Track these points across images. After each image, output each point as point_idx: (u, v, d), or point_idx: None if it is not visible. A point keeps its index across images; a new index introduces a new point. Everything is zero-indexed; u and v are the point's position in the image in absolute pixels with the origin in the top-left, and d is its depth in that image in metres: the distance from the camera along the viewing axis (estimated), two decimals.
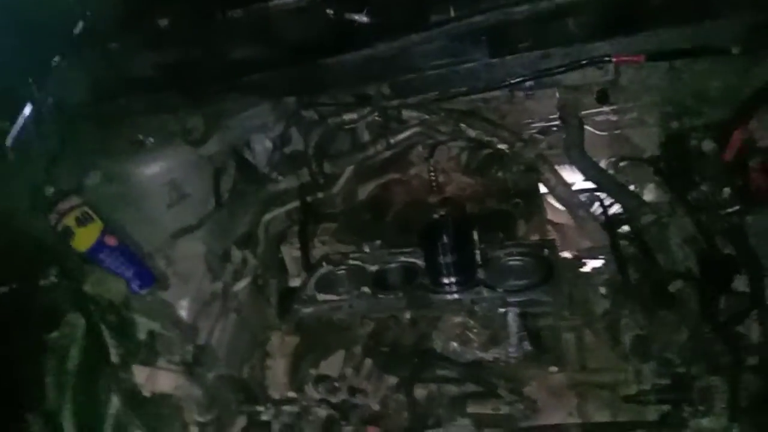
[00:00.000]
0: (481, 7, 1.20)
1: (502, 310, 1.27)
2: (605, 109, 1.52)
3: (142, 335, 1.27)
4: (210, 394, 1.28)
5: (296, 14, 1.39)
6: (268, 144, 1.61)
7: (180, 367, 1.28)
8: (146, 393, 1.20)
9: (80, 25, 1.60)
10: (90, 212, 1.35)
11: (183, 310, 1.42)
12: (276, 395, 1.38)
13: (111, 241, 1.33)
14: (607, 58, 1.33)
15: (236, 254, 1.58)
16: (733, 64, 1.27)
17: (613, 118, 1.52)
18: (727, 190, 1.15)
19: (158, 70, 1.47)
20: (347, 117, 1.55)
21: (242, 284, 1.55)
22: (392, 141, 1.56)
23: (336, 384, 1.32)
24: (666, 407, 1.07)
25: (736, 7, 1.19)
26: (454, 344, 1.26)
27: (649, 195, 1.48)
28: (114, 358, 1.17)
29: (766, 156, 1.09)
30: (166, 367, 1.27)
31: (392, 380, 1.32)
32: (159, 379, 1.21)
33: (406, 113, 1.52)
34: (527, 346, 1.24)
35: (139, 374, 1.19)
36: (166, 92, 1.45)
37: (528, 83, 1.45)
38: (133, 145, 1.44)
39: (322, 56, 1.30)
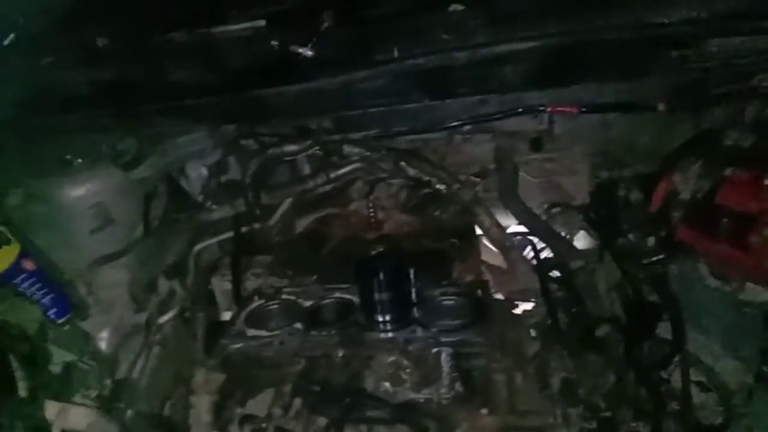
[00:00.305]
0: (423, 50, 1.21)
1: (435, 349, 1.27)
2: (538, 156, 1.56)
3: (56, 367, 1.19)
4: None
5: (240, 42, 1.37)
6: (204, 171, 1.57)
7: (96, 402, 1.21)
8: (56, 430, 1.12)
9: (11, 36, 1.53)
10: (6, 233, 1.27)
11: (103, 342, 1.34)
12: None
13: (28, 264, 1.25)
14: (542, 108, 1.38)
15: (163, 284, 1.51)
16: (659, 120, 1.34)
17: (547, 165, 1.57)
18: (651, 240, 1.21)
19: (92, 88, 1.41)
20: (288, 148, 1.53)
21: (168, 316, 1.48)
22: (332, 175, 1.55)
23: (263, 425, 1.27)
24: None
25: (664, 68, 1.26)
26: (386, 384, 1.24)
27: (579, 242, 1.52)
28: (22, 391, 1.08)
29: (689, 208, 1.15)
30: (81, 402, 1.20)
31: (322, 421, 1.29)
32: (71, 416, 1.13)
33: (347, 149, 1.52)
34: (459, 386, 1.24)
35: (50, 409, 1.11)
36: (98, 111, 1.40)
37: (466, 127, 1.49)
38: (60, 165, 1.37)
39: (265, 86, 1.29)
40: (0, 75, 1.46)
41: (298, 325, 1.40)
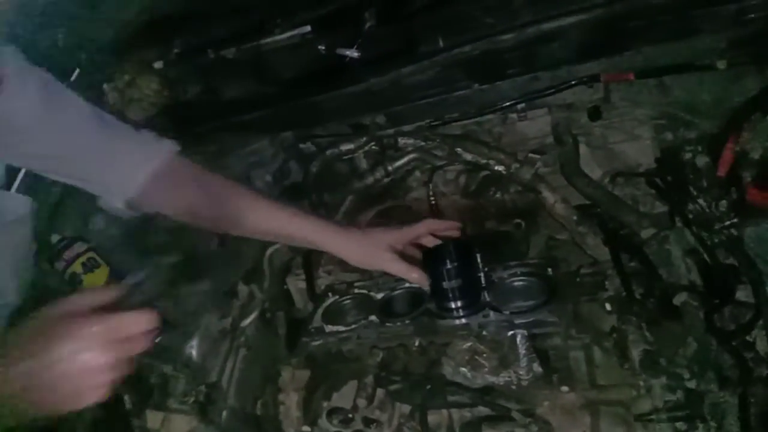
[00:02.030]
0: (468, 37, 1.21)
1: (510, 333, 1.28)
2: (598, 125, 1.53)
3: (153, 379, 1.28)
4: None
5: (288, 51, 1.41)
6: (268, 178, 1.63)
7: (193, 408, 1.29)
8: None
9: (76, 72, 1.62)
10: (96, 257, 1.37)
11: (193, 350, 1.43)
12: (290, 430, 1.38)
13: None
14: (596, 77, 1.35)
15: (243, 290, 1.59)
16: (721, 76, 1.29)
17: (607, 133, 1.54)
18: (723, 203, 1.17)
19: (153, 116, 1.49)
20: (344, 147, 1.57)
21: (250, 319, 1.56)
22: (390, 168, 1.58)
23: (350, 415, 1.33)
24: (679, 425, 1.07)
25: (717, 24, 1.21)
26: (464, 370, 1.26)
27: (645, 209, 1.49)
28: (128, 405, 1.17)
29: (760, 168, 1.11)
30: (179, 408, 1.28)
31: (405, 408, 1.33)
32: (173, 424, 1.22)
33: (402, 141, 1.55)
34: (537, 367, 1.24)
35: (153, 419, 1.20)
36: (162, 134, 1.47)
37: (519, 105, 1.48)
38: None
39: (316, 92, 1.32)
40: None
41: (373, 318, 1.44)
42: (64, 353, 0.72)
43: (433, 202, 1.63)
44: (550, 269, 1.40)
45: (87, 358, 0.73)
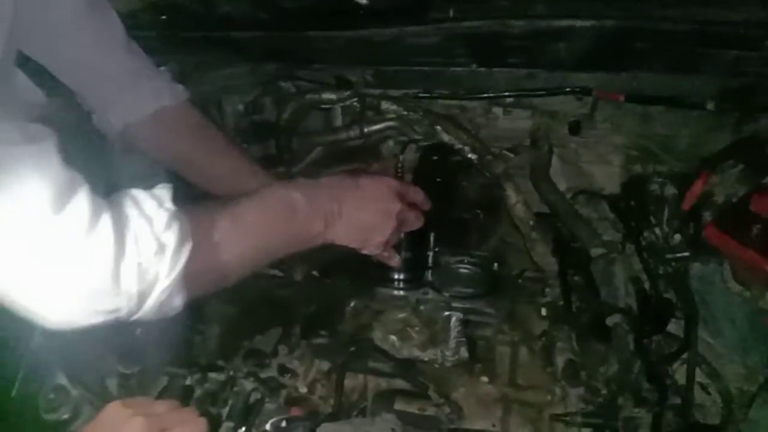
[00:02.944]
0: (480, 13, 1.20)
1: (446, 313, 1.28)
2: (575, 140, 1.55)
3: None
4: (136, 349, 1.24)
5: None
6: (240, 107, 1.57)
7: None
8: None
9: None
10: None
11: None
12: (203, 361, 1.34)
13: None
14: (588, 89, 1.36)
15: None
16: (704, 119, 1.33)
17: (581, 150, 1.56)
18: (678, 237, 1.20)
19: (141, 9, 1.40)
20: (325, 96, 1.53)
21: None
22: (366, 130, 1.55)
23: (267, 360, 1.30)
24: (588, 430, 1.10)
25: (715, 67, 1.24)
26: (394, 338, 1.26)
27: (600, 231, 1.52)
28: None
29: (721, 211, 1.15)
30: None
31: (324, 366, 1.31)
32: None
33: (385, 104, 1.52)
34: (464, 352, 1.25)
35: None
36: (144, 32, 1.39)
37: (508, 100, 1.48)
38: None
39: (314, 28, 1.28)
40: None
41: (315, 273, 1.42)
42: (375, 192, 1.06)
43: (400, 175, 1.62)
44: (496, 264, 1.41)
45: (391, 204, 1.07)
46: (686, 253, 1.18)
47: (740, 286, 1.13)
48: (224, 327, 1.38)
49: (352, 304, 1.33)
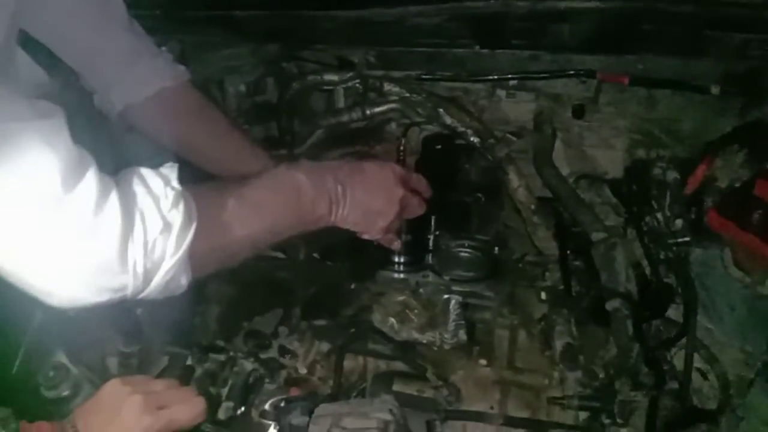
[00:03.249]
0: None
1: (445, 296, 1.29)
2: (578, 124, 1.54)
3: None
4: (137, 328, 1.24)
5: None
6: (242, 88, 1.56)
7: None
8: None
9: None
10: None
11: None
12: (203, 341, 1.35)
13: None
14: (592, 73, 1.35)
15: None
16: (709, 104, 1.31)
17: (585, 134, 1.55)
18: (680, 222, 1.20)
19: None
20: (328, 77, 1.52)
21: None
22: (368, 112, 1.54)
23: (267, 342, 1.31)
24: (585, 413, 1.10)
25: (721, 50, 1.22)
26: (393, 320, 1.27)
27: (602, 216, 1.51)
28: None
29: (724, 196, 1.14)
30: None
31: (324, 347, 1.32)
32: None
33: (387, 86, 1.51)
34: (463, 335, 1.26)
35: None
36: (145, 12, 1.38)
37: (512, 82, 1.47)
38: None
39: (316, 7, 1.26)
40: None
41: (315, 255, 1.42)
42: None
43: (402, 158, 1.61)
44: (497, 248, 1.41)
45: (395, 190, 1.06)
46: (687, 239, 1.17)
47: (741, 272, 1.13)
48: (224, 307, 1.38)
49: (352, 286, 1.34)
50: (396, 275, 1.35)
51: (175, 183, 0.79)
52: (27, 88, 0.96)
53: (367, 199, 1.04)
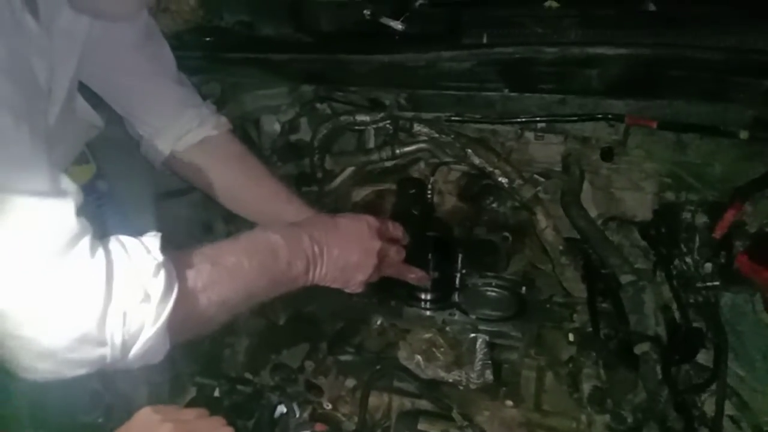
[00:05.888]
0: (513, 40, 1.22)
1: (472, 335, 1.29)
2: (606, 167, 1.55)
3: None
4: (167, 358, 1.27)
5: (334, 7, 1.41)
6: (277, 127, 1.62)
7: None
8: None
9: None
10: (87, 154, 1.34)
11: None
12: (232, 372, 1.37)
13: (102, 186, 1.33)
14: (620, 117, 1.37)
15: (219, 227, 1.57)
16: (738, 148, 1.31)
17: (613, 176, 1.55)
18: (709, 265, 1.19)
19: (186, 30, 1.47)
20: (359, 118, 1.56)
21: None
22: (398, 151, 1.57)
23: (293, 376, 1.32)
24: None
25: (749, 97, 1.23)
26: (419, 357, 1.27)
27: (631, 259, 1.51)
28: None
29: (754, 240, 1.14)
30: None
31: (350, 383, 1.33)
32: None
33: (417, 127, 1.54)
34: (489, 375, 1.26)
35: None
36: (188, 53, 1.45)
37: (540, 125, 1.49)
38: None
39: (351, 52, 1.32)
40: None
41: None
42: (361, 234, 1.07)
43: (429, 196, 1.64)
44: (524, 288, 1.41)
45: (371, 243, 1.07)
46: (717, 283, 1.17)
47: None
48: (254, 340, 1.41)
49: (378, 322, 1.35)
50: (423, 312, 1.36)
51: (156, 253, 0.79)
52: (82, 128, 1.01)
53: (345, 255, 1.03)
